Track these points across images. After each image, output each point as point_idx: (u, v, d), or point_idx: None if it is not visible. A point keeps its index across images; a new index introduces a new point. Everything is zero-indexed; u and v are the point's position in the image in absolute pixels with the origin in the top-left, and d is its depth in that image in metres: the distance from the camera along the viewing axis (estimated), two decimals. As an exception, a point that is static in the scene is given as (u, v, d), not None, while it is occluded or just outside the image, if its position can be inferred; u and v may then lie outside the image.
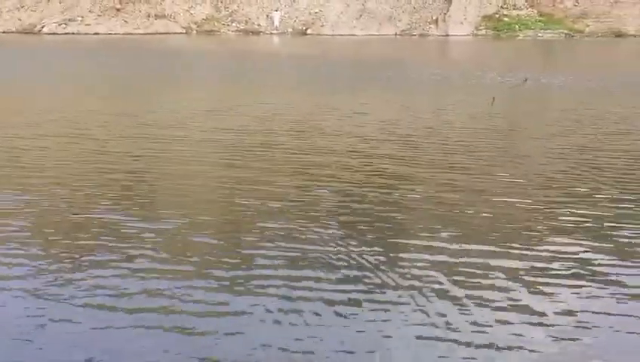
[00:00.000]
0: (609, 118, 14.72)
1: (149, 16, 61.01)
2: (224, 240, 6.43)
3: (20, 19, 60.29)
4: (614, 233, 6.69)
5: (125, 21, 60.84)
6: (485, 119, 14.73)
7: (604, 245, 6.33)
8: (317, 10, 63.65)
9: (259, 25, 63.24)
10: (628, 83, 22.88)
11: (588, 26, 60.71)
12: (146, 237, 6.46)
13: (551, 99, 19.43)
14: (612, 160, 10.26)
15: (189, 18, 62.14)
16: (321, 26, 62.67)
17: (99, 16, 60.98)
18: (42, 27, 60.41)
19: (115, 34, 59.04)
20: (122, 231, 6.67)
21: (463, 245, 6.31)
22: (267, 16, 63.67)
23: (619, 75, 25.99)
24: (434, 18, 62.84)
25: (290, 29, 62.81)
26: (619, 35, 58.48)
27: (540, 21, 61.84)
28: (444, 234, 6.62)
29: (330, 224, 6.93)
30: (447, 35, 60.48)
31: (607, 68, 30.36)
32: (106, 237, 6.46)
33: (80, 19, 60.96)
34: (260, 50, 43.53)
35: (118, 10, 61.19)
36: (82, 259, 5.89)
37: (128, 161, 10.06)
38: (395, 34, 61.85)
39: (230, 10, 63.28)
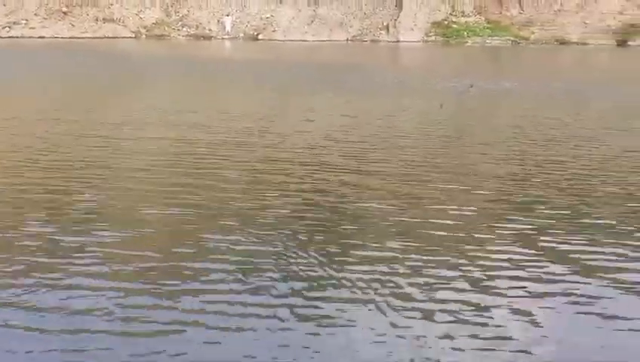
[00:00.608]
0: (551, 125, 15.05)
1: (96, 19, 59.90)
2: (169, 254, 6.27)
3: (-39, 22, 58.50)
4: (554, 240, 6.78)
5: (72, 25, 59.58)
6: (433, 126, 14.87)
7: (546, 253, 6.39)
8: (268, 16, 63.60)
9: (210, 30, 62.82)
10: (570, 90, 23.49)
11: (533, 33, 62.36)
12: (85, 252, 6.22)
13: (497, 106, 19.77)
14: (554, 166, 10.43)
15: (138, 22, 61.26)
16: (273, 31, 62.65)
17: (44, 19, 59.58)
18: (-15, 30, 58.72)
19: (61, 37, 57.76)
20: (59, 245, 6.42)
21: (411, 253, 6.29)
22: (218, 21, 63.31)
23: (562, 82, 26.70)
24: (385, 24, 63.54)
25: (241, 34, 62.56)
26: (562, 42, 60.24)
27: (487, 28, 63.21)
28: (393, 243, 6.57)
29: (280, 235, 6.80)
30: (398, 41, 61.23)
31: (551, 75, 31.14)
32: (41, 253, 6.21)
33: (24, 22, 59.44)
34: (214, 56, 43.14)
35: (64, 13, 59.90)
36: (17, 275, 5.65)
37: (68, 170, 9.76)
38: (347, 39, 62.28)
39: (181, 15, 62.67)
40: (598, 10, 61.65)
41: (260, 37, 61.81)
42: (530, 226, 7.28)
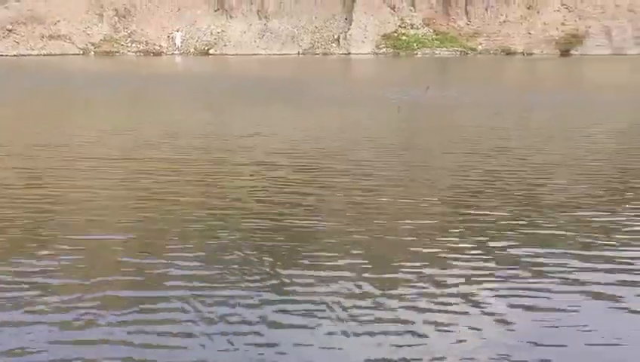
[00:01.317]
0: (498, 135, 15.02)
1: (42, 37, 58.39)
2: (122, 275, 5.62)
3: None
4: (499, 251, 6.62)
5: (17, 42, 57.96)
6: (384, 138, 14.68)
7: (496, 258, 6.34)
8: (219, 30, 63.03)
9: (160, 45, 61.88)
10: (516, 100, 23.74)
11: (480, 44, 63.42)
12: (23, 279, 5.64)
13: (444, 116, 19.67)
14: (500, 175, 10.31)
15: (85, 39, 59.91)
16: (224, 45, 62.09)
17: (-12, 37, 57.90)
18: None
19: (5, 55, 56.12)
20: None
21: (366, 264, 6.16)
22: (168, 36, 62.41)
23: (507, 92, 27.05)
24: (335, 37, 63.66)
25: (192, 50, 61.79)
26: (509, 52, 61.43)
27: (436, 39, 64.00)
28: (346, 256, 6.38)
29: (233, 253, 6.43)
30: (349, 54, 61.44)
31: (496, 85, 31.57)
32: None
33: (-33, 40, 57.65)
34: (162, 72, 42.39)
35: (9, 31, 58.24)
36: None
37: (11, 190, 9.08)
38: (298, 53, 62.17)
39: (129, 31, 61.54)
40: (541, 20, 63.11)
41: (211, 52, 61.23)
42: (479, 234, 7.19)
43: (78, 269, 6.05)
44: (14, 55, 56.98)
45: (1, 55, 56.81)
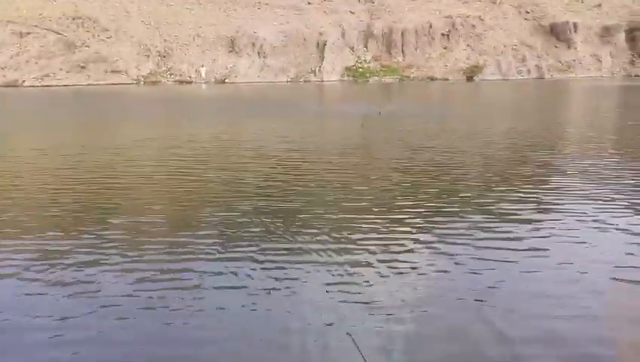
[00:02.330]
0: (429, 136, 15.22)
1: (106, 71, 57.59)
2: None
3: (4, 76, 55.18)
4: (428, 217, 6.77)
5: (88, 75, 57.12)
6: (346, 141, 14.55)
7: (425, 223, 6.36)
8: (231, 65, 62.75)
9: (190, 76, 61.43)
10: (437, 112, 23.61)
11: (412, 73, 63.99)
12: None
13: (388, 125, 19.01)
14: (431, 165, 10.38)
15: (137, 72, 59.29)
16: (235, 76, 61.88)
17: (67, 72, 56.87)
18: (23, 81, 55.56)
19: (80, 85, 55.27)
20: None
21: (339, 245, 5.74)
22: (196, 70, 62.04)
23: (433, 106, 27.05)
24: (312, 69, 63.84)
25: (212, 79, 61.50)
26: (432, 78, 62.22)
27: (382, 70, 64.47)
28: (321, 235, 5.95)
29: (244, 222, 6.14)
30: (322, 81, 61.65)
31: (425, 101, 31.62)
32: None
33: (53, 74, 56.59)
34: (193, 95, 42.06)
35: (82, 67, 57.31)
36: None
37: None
38: (287, 80, 62.22)
39: (169, 67, 61.08)
40: (453, 57, 64.01)
41: (225, 81, 61.00)
42: (413, 203, 7.30)
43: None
44: (86, 85, 56.10)
45: (77, 85, 55.89)
